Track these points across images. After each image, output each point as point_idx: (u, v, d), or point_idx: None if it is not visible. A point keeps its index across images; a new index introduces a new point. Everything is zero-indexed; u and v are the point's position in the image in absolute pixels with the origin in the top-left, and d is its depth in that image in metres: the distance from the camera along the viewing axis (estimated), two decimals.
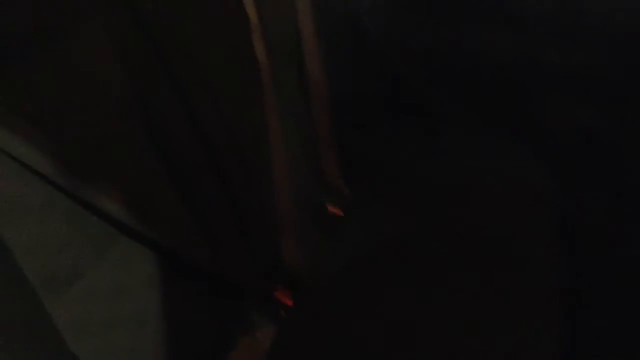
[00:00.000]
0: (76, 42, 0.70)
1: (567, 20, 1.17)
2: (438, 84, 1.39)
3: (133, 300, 0.72)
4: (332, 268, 1.06)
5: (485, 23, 1.30)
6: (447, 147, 1.30)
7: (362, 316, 0.91)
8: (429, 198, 1.15)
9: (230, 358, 0.86)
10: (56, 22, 0.67)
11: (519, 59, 1.26)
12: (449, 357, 0.82)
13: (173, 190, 0.81)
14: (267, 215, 0.98)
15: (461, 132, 1.33)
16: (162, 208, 0.77)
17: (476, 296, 0.89)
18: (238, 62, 0.96)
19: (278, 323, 0.94)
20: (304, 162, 1.14)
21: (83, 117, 0.69)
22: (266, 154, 0.99)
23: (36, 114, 0.62)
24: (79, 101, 0.69)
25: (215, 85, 0.89)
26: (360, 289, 0.97)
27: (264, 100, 1.00)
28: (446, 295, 0.90)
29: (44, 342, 0.60)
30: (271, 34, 1.07)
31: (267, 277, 0.96)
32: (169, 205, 0.79)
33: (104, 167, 0.69)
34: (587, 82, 1.18)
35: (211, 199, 0.86)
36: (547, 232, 1.01)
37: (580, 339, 0.89)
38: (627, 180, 1.14)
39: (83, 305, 0.66)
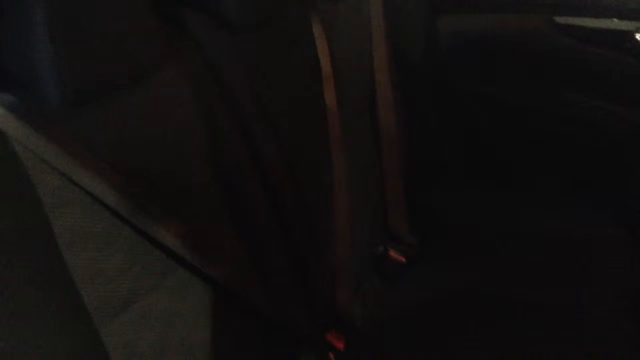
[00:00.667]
0: (157, 86, 0.77)
1: None
2: (523, 145, 1.38)
3: (184, 328, 0.76)
4: (389, 315, 1.07)
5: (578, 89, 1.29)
6: (522, 208, 1.28)
7: None
8: (497, 254, 1.14)
9: None
10: (139, 66, 0.74)
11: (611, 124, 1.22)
12: None
13: (234, 230, 0.85)
14: (324, 260, 1.00)
15: (537, 195, 1.31)
16: (221, 246, 0.82)
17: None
18: (308, 110, 1.01)
19: None
20: (368, 210, 1.16)
21: (155, 154, 0.75)
22: (329, 201, 1.02)
23: (109, 149, 0.69)
24: (153, 140, 0.75)
25: (284, 131, 0.94)
26: (416, 339, 0.98)
27: (331, 148, 1.03)
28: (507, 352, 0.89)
29: None
30: (345, 83, 1.12)
31: (320, 321, 0.98)
32: (228, 245, 0.84)
33: (168, 203, 0.74)
34: None
35: (270, 241, 0.90)
36: (619, 300, 0.98)
37: None
38: None
39: (135, 330, 0.70)
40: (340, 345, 1.00)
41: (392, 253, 1.22)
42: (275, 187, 0.91)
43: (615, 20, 1.20)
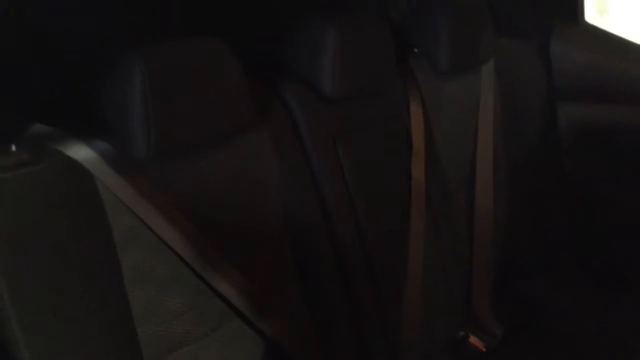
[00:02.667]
0: (241, 146, 0.83)
1: None
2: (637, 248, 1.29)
3: None
4: None
5: None
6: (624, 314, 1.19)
7: None
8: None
9: None
10: (225, 129, 0.80)
11: None
12: None
13: (296, 291, 0.88)
14: (389, 335, 0.99)
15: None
16: (280, 304, 0.84)
17: None
18: (392, 182, 1.02)
19: None
20: (450, 292, 1.13)
21: (228, 209, 0.81)
22: (401, 278, 1.02)
23: (185, 199, 0.75)
24: (229, 195, 0.81)
25: (362, 200, 0.96)
26: None
27: (411, 224, 1.03)
28: None
29: None
30: (439, 162, 1.12)
31: None
32: (288, 304, 0.86)
33: (233, 255, 0.78)
34: None
35: (334, 308, 0.91)
36: None
37: None
38: None
39: None
40: None
41: (472, 339, 1.17)
42: (345, 255, 0.92)
43: None
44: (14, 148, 0.65)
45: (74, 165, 0.66)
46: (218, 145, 0.79)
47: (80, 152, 0.67)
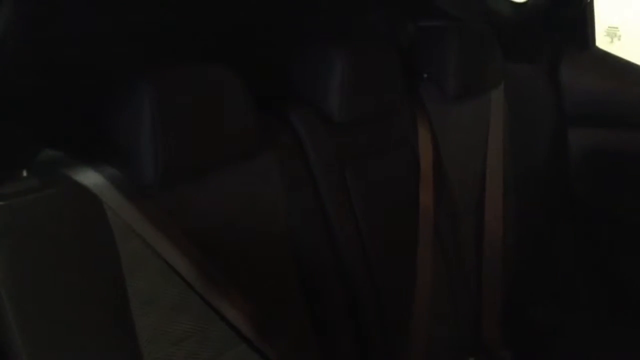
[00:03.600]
0: (249, 171, 0.84)
1: None
2: None
3: None
4: None
5: None
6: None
7: None
8: None
9: None
10: (233, 154, 0.81)
11: None
12: None
13: (303, 318, 0.88)
14: (397, 357, 0.99)
15: None
16: (286, 330, 0.84)
17: None
18: (399, 208, 1.02)
19: None
20: (458, 316, 1.13)
21: (235, 233, 0.81)
22: (408, 302, 1.02)
23: (192, 223, 0.76)
24: (236, 219, 0.82)
25: (368, 225, 0.96)
26: None
27: (418, 249, 1.04)
28: None
29: None
30: (448, 186, 1.12)
31: None
32: (294, 330, 0.86)
33: (239, 279, 0.79)
34: None
35: (340, 334, 0.91)
36: None
37: None
38: None
39: None
40: None
41: None
42: (352, 282, 0.93)
43: None
44: (25, 173, 0.66)
45: (83, 191, 0.67)
46: (226, 171, 0.80)
47: (89, 178, 0.68)
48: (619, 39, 1.79)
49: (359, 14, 1.28)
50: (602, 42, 1.42)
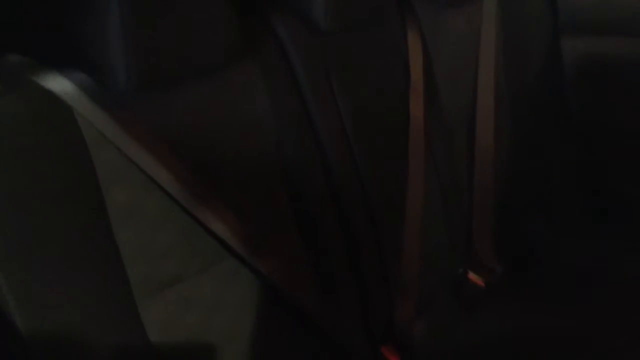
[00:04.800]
0: (229, 77, 0.79)
1: None
2: None
3: (226, 317, 0.77)
4: (455, 340, 1.02)
5: None
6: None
7: None
8: (589, 299, 1.06)
9: None
10: (211, 57, 0.76)
11: None
12: None
13: (292, 229, 0.86)
14: (388, 274, 0.98)
15: None
16: (275, 243, 0.82)
17: None
18: (388, 119, 0.99)
19: None
20: (450, 229, 1.12)
21: (217, 144, 0.78)
22: (400, 215, 0.99)
23: (171, 133, 0.72)
24: (218, 130, 0.78)
25: (357, 138, 0.93)
26: None
27: (409, 162, 1.01)
28: None
29: (130, 338, 0.68)
30: (438, 98, 1.09)
31: (375, 336, 0.96)
32: (284, 243, 0.84)
33: (224, 192, 0.76)
34: None
35: (331, 247, 0.89)
36: None
37: None
38: None
39: (176, 311, 0.72)
40: (394, 359, 0.96)
41: (471, 276, 1.16)
42: (343, 194, 0.90)
43: None
44: None
45: (51, 97, 0.63)
46: (205, 76, 0.76)
47: (57, 84, 0.64)
48: None
49: None
50: None
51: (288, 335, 0.85)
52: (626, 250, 1.16)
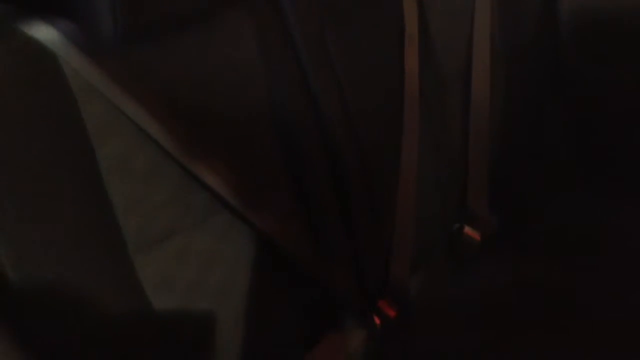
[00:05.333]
0: (219, 26, 0.77)
1: None
2: None
3: (222, 271, 0.77)
4: (450, 294, 1.03)
5: None
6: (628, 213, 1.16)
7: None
8: (585, 253, 1.06)
9: (311, 351, 0.88)
10: (201, 3, 0.74)
11: None
12: None
13: (285, 182, 0.84)
14: (383, 227, 0.97)
15: None
16: (269, 196, 0.81)
17: None
18: (382, 71, 0.97)
19: (370, 329, 0.94)
20: (445, 182, 1.11)
21: (209, 95, 0.76)
22: (394, 167, 0.98)
23: (161, 84, 0.70)
24: (210, 80, 0.76)
25: (350, 89, 0.91)
26: (473, 323, 0.93)
27: (404, 115, 0.99)
28: None
29: (125, 294, 0.67)
30: (433, 50, 1.06)
31: (371, 290, 0.96)
32: (277, 196, 0.83)
33: (217, 145, 0.75)
34: None
35: (325, 200, 0.88)
36: None
37: None
38: None
39: (171, 265, 0.72)
40: (391, 313, 0.97)
41: (467, 230, 1.16)
42: (336, 149, 0.88)
43: None
44: None
45: (36, 46, 0.61)
46: (195, 31, 0.74)
47: (42, 32, 0.61)
48: None
49: None
50: None
51: (284, 289, 0.85)
52: (620, 205, 1.16)
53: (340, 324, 0.92)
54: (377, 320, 0.95)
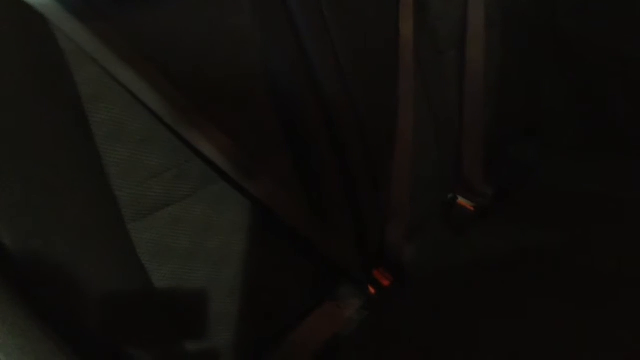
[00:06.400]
0: None
1: None
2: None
3: (218, 240, 0.76)
4: (444, 263, 1.03)
5: None
6: (620, 177, 1.17)
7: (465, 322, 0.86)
8: (576, 222, 1.05)
9: (307, 319, 0.88)
10: None
11: None
12: None
13: (283, 150, 0.84)
14: (380, 197, 0.97)
15: None
16: (266, 164, 0.80)
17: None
18: (378, 36, 0.96)
19: (365, 297, 0.94)
20: (440, 152, 1.10)
21: (205, 60, 0.74)
22: (391, 137, 0.98)
23: (155, 48, 0.69)
24: (205, 45, 0.74)
25: (347, 55, 0.89)
26: (466, 292, 0.93)
27: (400, 81, 0.98)
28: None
29: (123, 265, 0.67)
30: (429, 15, 1.05)
31: (367, 257, 0.96)
32: (275, 164, 0.82)
33: (213, 111, 0.73)
34: None
35: (322, 168, 0.88)
36: None
37: None
38: None
39: (166, 233, 0.71)
40: (385, 282, 0.97)
41: (461, 201, 1.16)
42: (333, 115, 0.87)
43: None
44: None
45: (24, 7, 0.59)
46: None
47: None
48: None
49: None
50: None
51: (280, 257, 0.84)
52: (616, 173, 1.16)
53: (336, 293, 0.92)
54: (371, 290, 0.95)
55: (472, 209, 1.15)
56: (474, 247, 1.05)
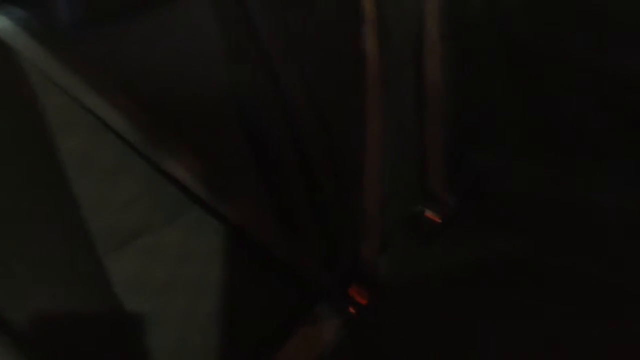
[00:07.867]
0: (178, 10, 0.73)
1: None
2: (588, 115, 1.28)
3: (195, 267, 0.74)
4: (417, 275, 1.03)
5: None
6: (575, 178, 1.19)
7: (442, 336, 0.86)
8: (539, 223, 1.07)
9: (288, 343, 0.86)
10: None
11: None
12: None
13: (252, 170, 0.82)
14: (350, 212, 0.96)
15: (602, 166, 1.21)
16: (237, 186, 0.78)
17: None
18: (343, 52, 0.95)
19: (344, 318, 0.93)
20: (405, 166, 1.11)
21: (172, 82, 0.72)
22: (360, 151, 0.97)
23: (122, 72, 0.66)
24: (172, 67, 0.72)
25: (313, 71, 0.89)
26: (442, 301, 0.93)
27: (367, 95, 0.98)
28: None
29: (96, 297, 0.64)
30: (389, 29, 1.05)
31: (341, 275, 0.95)
32: (245, 185, 0.81)
33: (182, 135, 0.71)
34: None
35: (292, 186, 0.87)
36: None
37: None
38: None
39: (142, 264, 0.68)
40: (362, 300, 0.96)
41: (428, 214, 1.17)
42: (300, 129, 0.87)
43: None
44: None
45: None
46: (154, 17, 0.70)
47: None
48: None
49: None
50: None
51: (258, 279, 0.82)
52: (576, 176, 1.19)
53: (313, 318, 0.91)
54: (350, 310, 0.94)
55: (439, 220, 1.15)
56: (445, 257, 1.05)
